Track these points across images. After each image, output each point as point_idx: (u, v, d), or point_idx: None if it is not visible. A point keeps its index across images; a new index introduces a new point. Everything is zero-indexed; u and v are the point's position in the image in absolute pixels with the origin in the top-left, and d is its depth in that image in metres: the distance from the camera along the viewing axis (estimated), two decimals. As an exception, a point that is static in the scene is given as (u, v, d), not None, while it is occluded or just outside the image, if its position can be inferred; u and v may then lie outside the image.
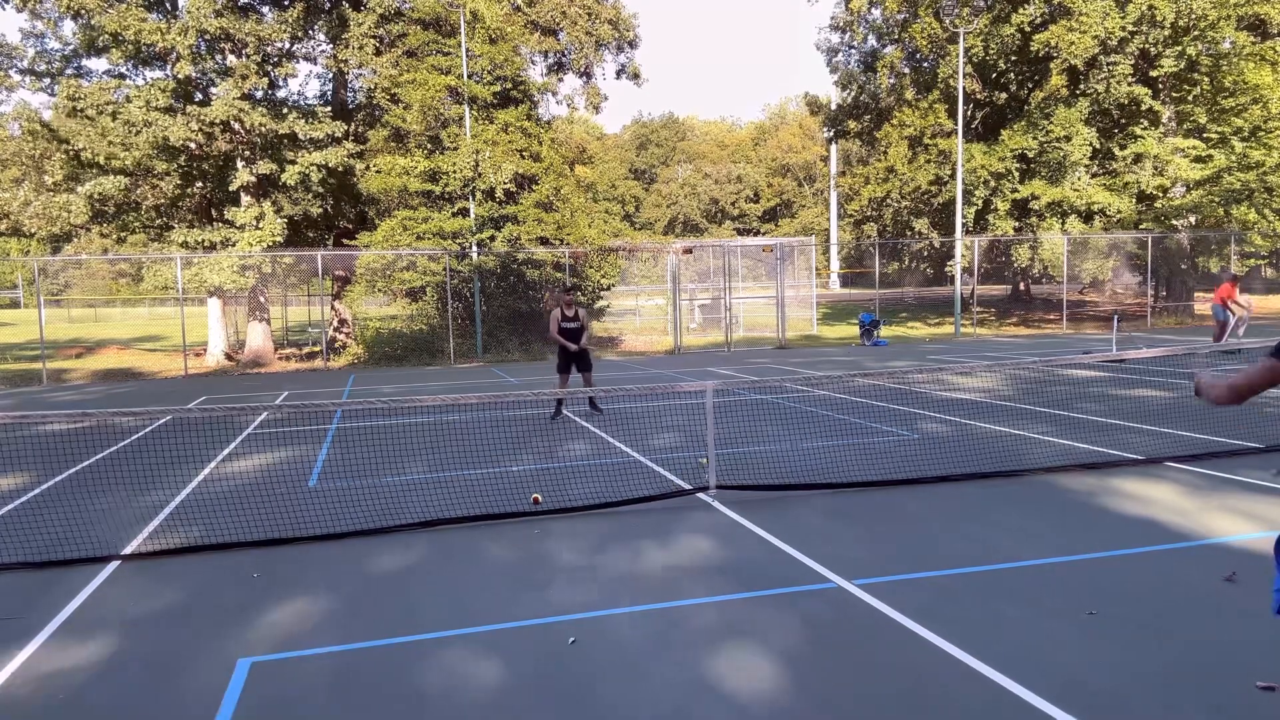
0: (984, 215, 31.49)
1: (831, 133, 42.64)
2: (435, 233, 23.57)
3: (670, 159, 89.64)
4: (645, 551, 5.90)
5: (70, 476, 9.03)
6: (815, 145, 78.53)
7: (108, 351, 29.30)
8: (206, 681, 4.14)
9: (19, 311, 57.32)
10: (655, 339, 28.05)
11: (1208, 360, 15.80)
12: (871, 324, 25.49)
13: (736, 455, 8.84)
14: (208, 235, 22.95)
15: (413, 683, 4.06)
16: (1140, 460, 7.96)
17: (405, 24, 24.95)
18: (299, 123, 22.64)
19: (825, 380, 11.86)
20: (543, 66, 31.27)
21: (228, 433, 11.56)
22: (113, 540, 6.53)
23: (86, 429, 11.95)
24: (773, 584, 5.16)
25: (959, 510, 6.55)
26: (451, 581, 5.45)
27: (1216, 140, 29.49)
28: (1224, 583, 4.86)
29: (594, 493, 7.35)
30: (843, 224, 49.28)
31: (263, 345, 24.95)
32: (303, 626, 4.79)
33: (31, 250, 36.76)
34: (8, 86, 23.25)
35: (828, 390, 13.83)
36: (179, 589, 5.48)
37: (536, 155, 25.22)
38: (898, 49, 36.14)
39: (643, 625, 4.64)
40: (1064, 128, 28.93)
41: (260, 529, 6.60)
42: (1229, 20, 27.39)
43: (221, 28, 21.83)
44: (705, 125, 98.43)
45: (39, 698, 4.05)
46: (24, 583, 5.70)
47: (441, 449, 9.67)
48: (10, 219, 22.86)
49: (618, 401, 12.81)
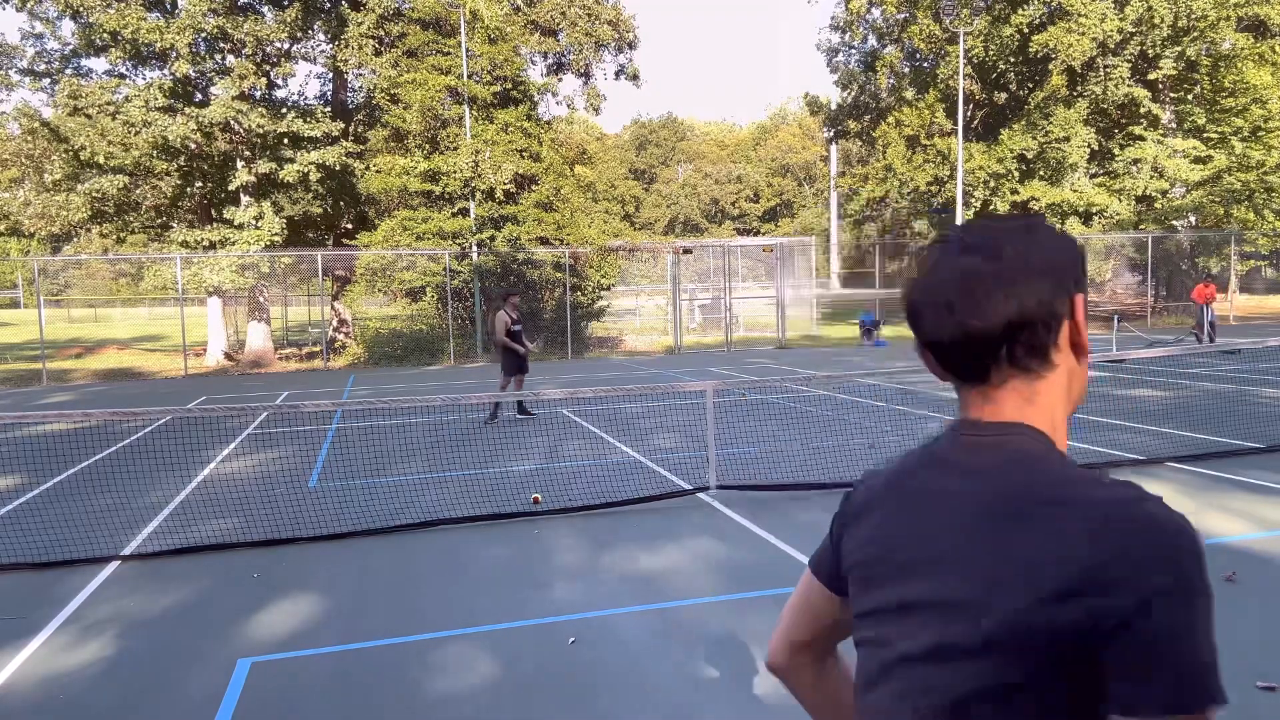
0: (984, 215, 31.47)
1: (831, 133, 42.63)
2: (435, 233, 23.57)
3: (670, 159, 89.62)
4: (645, 551, 5.90)
5: (70, 476, 9.03)
6: (815, 145, 78.50)
7: (107, 351, 29.28)
8: (206, 681, 4.14)
9: (19, 311, 57.31)
10: (655, 339, 28.05)
11: (1207, 360, 15.80)
12: (872, 324, 25.48)
13: (736, 455, 8.85)
14: (207, 235, 22.94)
15: (412, 683, 4.06)
16: (1140, 460, 7.96)
17: (405, 24, 24.94)
18: (297, 122, 22.65)
19: (825, 380, 11.86)
20: (542, 67, 31.26)
21: (228, 433, 11.56)
22: (113, 540, 6.53)
23: (86, 429, 11.95)
24: (773, 584, 5.16)
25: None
26: (451, 581, 5.46)
27: (1216, 140, 29.50)
28: (1224, 582, 4.86)
29: (594, 493, 7.35)
30: (843, 224, 49.27)
31: (263, 345, 24.94)
32: (303, 626, 4.79)
33: (31, 250, 36.76)
34: (7, 86, 23.25)
35: (828, 390, 13.83)
36: (179, 589, 5.48)
37: (536, 155, 25.21)
38: (897, 49, 36.16)
39: (643, 625, 4.64)
40: (1063, 128, 28.94)
41: (260, 529, 6.60)
42: (1228, 21, 27.40)
43: (220, 27, 21.83)
44: (705, 125, 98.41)
45: (39, 698, 4.06)
46: (24, 583, 5.70)
47: (441, 449, 9.67)
48: (10, 219, 22.84)
49: (618, 402, 12.81)
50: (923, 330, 1.03)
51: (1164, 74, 28.40)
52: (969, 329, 0.98)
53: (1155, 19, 27.18)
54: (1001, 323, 0.97)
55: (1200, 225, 30.31)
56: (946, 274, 1.01)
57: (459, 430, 11.10)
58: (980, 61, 31.82)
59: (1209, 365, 15.26)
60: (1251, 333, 21.34)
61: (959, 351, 1.01)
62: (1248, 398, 11.57)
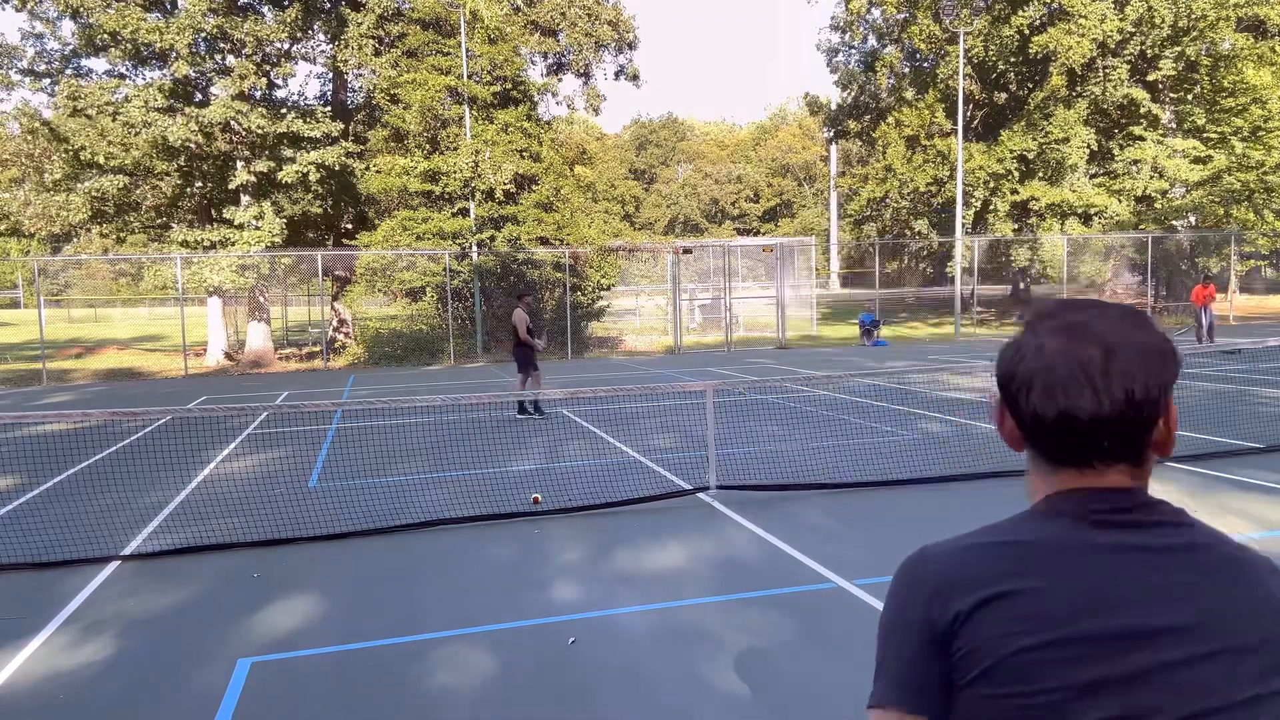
0: (983, 216, 31.49)
1: (831, 133, 42.66)
2: (435, 233, 23.57)
3: (670, 159, 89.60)
4: (645, 551, 5.90)
5: (70, 476, 9.03)
6: (815, 145, 78.49)
7: (108, 351, 29.28)
8: (206, 681, 4.14)
9: (19, 311, 57.28)
10: (655, 339, 28.05)
11: (1207, 360, 15.80)
12: (872, 324, 25.49)
13: (736, 455, 8.85)
14: (207, 235, 22.95)
15: (412, 683, 4.06)
16: (1140, 460, 7.94)
17: (405, 24, 24.95)
18: (297, 122, 22.65)
19: (825, 380, 11.86)
20: (542, 67, 31.27)
21: (228, 433, 11.56)
22: (113, 540, 6.53)
23: (86, 429, 11.95)
24: (773, 584, 5.16)
25: (959, 510, 6.56)
26: (451, 582, 5.45)
27: (1216, 141, 29.51)
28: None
29: (594, 493, 7.35)
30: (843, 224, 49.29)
31: (263, 345, 24.94)
32: (303, 626, 4.79)
33: (31, 250, 36.76)
34: (8, 86, 23.25)
35: (827, 390, 13.83)
36: (179, 589, 5.48)
37: (536, 155, 25.22)
38: (897, 49, 36.17)
39: (643, 625, 4.64)
40: (1062, 129, 28.94)
41: (260, 529, 6.60)
42: (1228, 21, 27.40)
43: (219, 27, 21.83)
44: (705, 126, 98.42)
45: (39, 698, 4.06)
46: (24, 583, 5.70)
47: (441, 449, 9.67)
48: (10, 219, 22.84)
49: (618, 401, 12.82)
50: (1071, 402, 0.97)
51: (1164, 74, 28.41)
52: (1146, 399, 0.97)
53: (1155, 19, 27.19)
54: (1161, 398, 0.99)
55: (1200, 225, 30.32)
56: (1115, 341, 0.97)
57: (459, 430, 11.10)
58: (980, 61, 31.83)
59: (1209, 365, 15.26)
60: (1251, 333, 21.34)
61: (1123, 427, 0.98)
62: (1248, 398, 11.57)
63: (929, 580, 1.01)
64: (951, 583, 0.99)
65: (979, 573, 0.98)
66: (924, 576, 1.02)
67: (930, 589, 1.00)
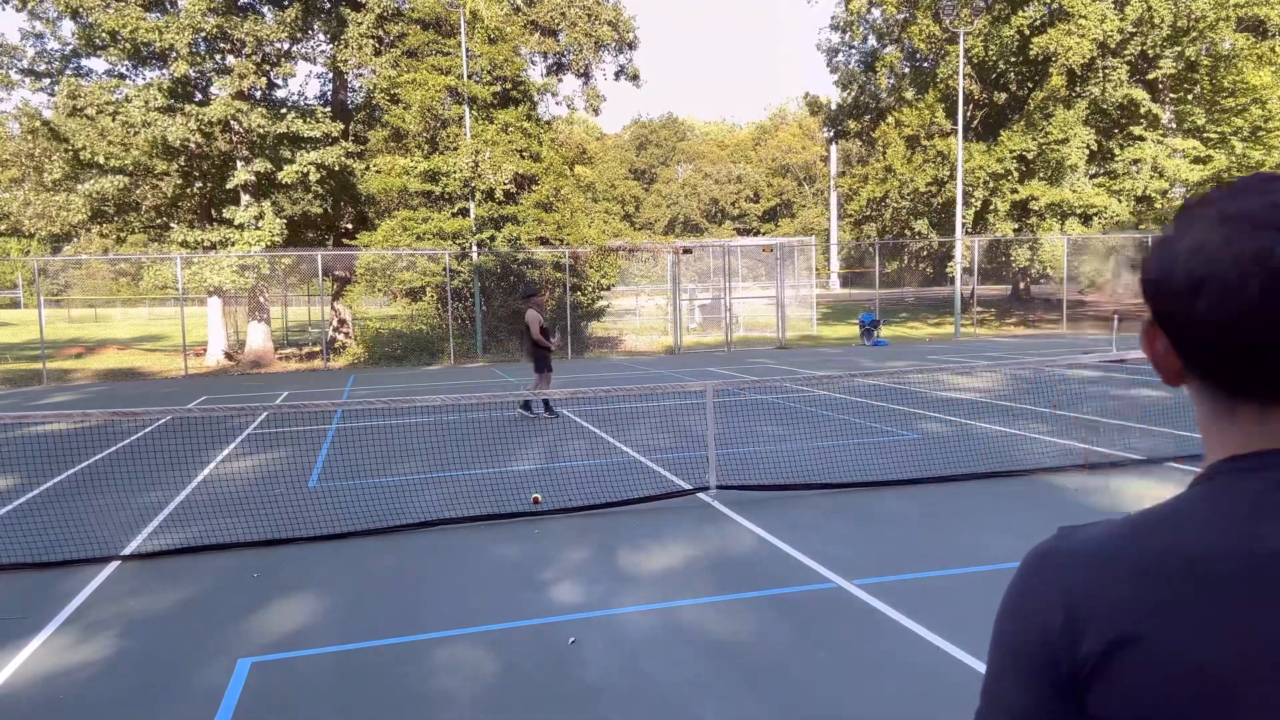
0: (983, 215, 31.49)
1: (831, 133, 42.67)
2: (435, 233, 23.58)
3: (670, 159, 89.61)
4: (645, 551, 5.90)
5: (70, 476, 9.03)
6: (815, 145, 78.51)
7: (108, 351, 29.28)
8: (207, 681, 4.14)
9: (19, 311, 57.28)
10: (655, 339, 28.05)
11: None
12: (871, 324, 25.49)
13: (736, 455, 8.85)
14: (207, 235, 22.95)
15: (413, 682, 4.07)
16: (1140, 460, 7.96)
17: (405, 24, 24.95)
18: (297, 122, 22.65)
19: (825, 380, 11.86)
20: (542, 67, 31.27)
21: (228, 433, 11.56)
22: (113, 540, 6.53)
23: (86, 429, 11.95)
24: (773, 584, 5.16)
25: (959, 510, 6.56)
26: (451, 581, 5.46)
27: (1216, 141, 29.52)
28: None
29: (594, 493, 7.35)
30: (843, 224, 49.29)
31: (263, 345, 24.94)
32: (303, 626, 4.79)
33: (31, 250, 36.74)
34: (8, 86, 23.26)
35: (827, 390, 13.83)
36: (179, 589, 5.48)
37: (536, 155, 25.22)
38: (897, 49, 36.17)
39: (643, 625, 4.64)
40: (1062, 129, 28.95)
41: (260, 529, 6.60)
42: (1228, 21, 27.41)
43: (219, 27, 21.84)
44: (705, 126, 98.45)
45: (40, 697, 4.06)
46: (24, 583, 5.70)
47: (441, 449, 9.67)
48: (10, 219, 22.84)
49: (618, 401, 12.82)
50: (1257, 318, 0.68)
51: (1163, 74, 28.41)
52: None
53: (1155, 19, 27.19)
54: None
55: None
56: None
57: (459, 430, 11.10)
58: (980, 62, 31.83)
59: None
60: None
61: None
62: (1248, 398, 11.55)
63: (1055, 598, 0.73)
64: (1081, 609, 0.71)
65: (1118, 597, 0.70)
66: (1052, 581, 0.74)
67: (1057, 609, 0.73)
